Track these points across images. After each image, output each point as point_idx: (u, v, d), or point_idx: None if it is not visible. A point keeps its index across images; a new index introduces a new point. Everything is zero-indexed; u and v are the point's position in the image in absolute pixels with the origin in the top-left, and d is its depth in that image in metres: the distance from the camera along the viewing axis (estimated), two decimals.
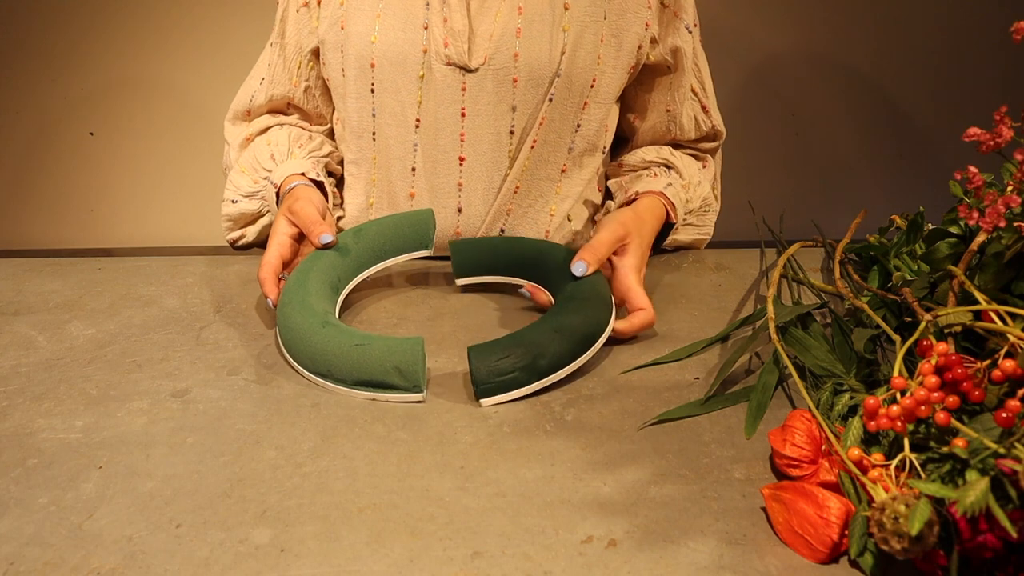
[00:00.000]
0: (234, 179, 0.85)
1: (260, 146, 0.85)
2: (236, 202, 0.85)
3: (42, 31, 1.76)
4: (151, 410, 0.55)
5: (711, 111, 0.87)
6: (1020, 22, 0.47)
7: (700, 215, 0.88)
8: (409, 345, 0.56)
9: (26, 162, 1.87)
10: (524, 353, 0.56)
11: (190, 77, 1.81)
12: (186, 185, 1.88)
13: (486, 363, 0.56)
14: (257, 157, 0.84)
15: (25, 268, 0.82)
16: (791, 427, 0.47)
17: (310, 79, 0.84)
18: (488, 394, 0.56)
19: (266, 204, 0.84)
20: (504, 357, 0.56)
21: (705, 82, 0.87)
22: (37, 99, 1.81)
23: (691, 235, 0.88)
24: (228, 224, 0.87)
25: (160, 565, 0.41)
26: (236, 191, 0.85)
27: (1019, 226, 0.48)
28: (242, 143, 0.86)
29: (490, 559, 0.41)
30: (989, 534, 0.37)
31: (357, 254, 0.70)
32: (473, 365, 0.56)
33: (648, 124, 0.87)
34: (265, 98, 0.85)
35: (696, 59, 0.84)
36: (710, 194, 0.88)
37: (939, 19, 1.77)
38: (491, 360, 0.56)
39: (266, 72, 0.85)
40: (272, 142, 0.84)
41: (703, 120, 0.87)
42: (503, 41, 0.76)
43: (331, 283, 0.67)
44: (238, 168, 0.85)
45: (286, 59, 0.83)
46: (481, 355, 0.56)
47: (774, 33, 1.78)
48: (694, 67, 0.84)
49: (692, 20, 0.82)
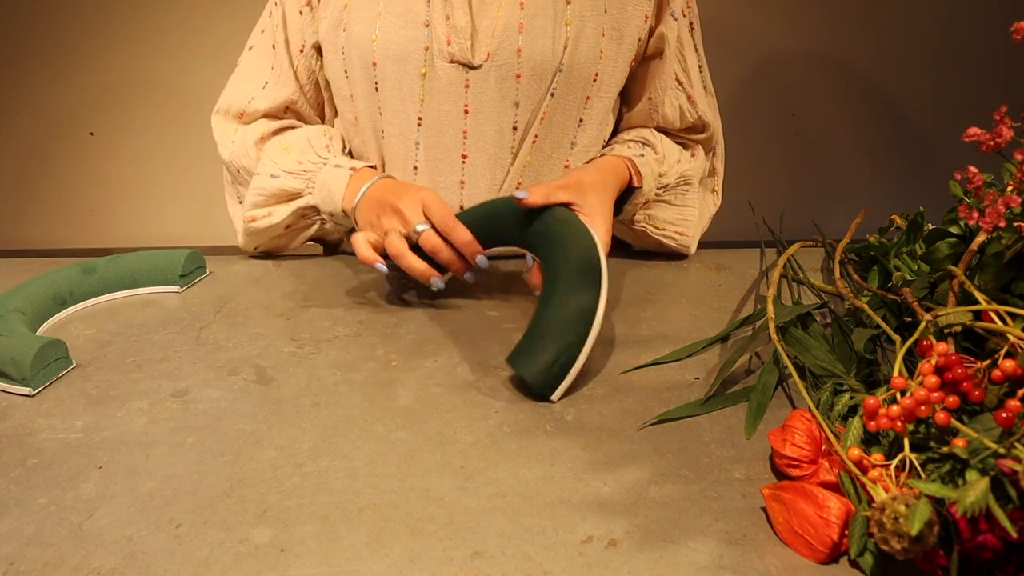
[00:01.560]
0: (272, 155, 0.81)
1: (312, 133, 0.82)
2: (277, 177, 0.80)
3: (42, 31, 1.76)
4: (151, 410, 0.55)
5: (697, 102, 0.85)
6: (1020, 22, 0.47)
7: (679, 195, 0.86)
8: (29, 343, 0.58)
9: (26, 162, 1.87)
10: (555, 335, 0.57)
11: (190, 77, 1.81)
12: (186, 185, 1.88)
13: (532, 367, 0.56)
14: (310, 140, 0.81)
15: (25, 268, 0.82)
16: (791, 427, 0.47)
17: (310, 83, 0.84)
18: (553, 389, 0.56)
19: (311, 187, 0.80)
20: (543, 351, 0.56)
21: (691, 72, 0.85)
22: (37, 99, 1.81)
23: (670, 216, 0.86)
24: (259, 199, 0.81)
25: (160, 565, 0.41)
26: (276, 166, 0.80)
27: (1019, 226, 0.48)
28: (257, 141, 0.83)
29: (490, 559, 0.41)
30: (989, 534, 0.37)
31: (104, 277, 0.74)
32: (523, 374, 0.56)
33: (633, 111, 0.87)
34: (267, 103, 0.83)
35: (682, 48, 0.83)
36: (692, 175, 0.86)
37: (939, 19, 1.77)
38: (535, 362, 0.56)
39: (270, 76, 0.84)
40: (326, 134, 0.83)
41: (688, 110, 0.85)
42: (506, 37, 0.76)
43: (56, 294, 0.70)
44: (280, 147, 0.81)
45: (291, 62, 0.83)
46: (523, 362, 0.57)
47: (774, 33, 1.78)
48: (679, 55, 0.83)
49: (680, 8, 0.81)
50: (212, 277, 0.80)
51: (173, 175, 1.92)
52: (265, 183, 0.81)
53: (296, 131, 0.84)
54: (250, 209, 0.82)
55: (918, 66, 1.83)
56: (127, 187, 1.92)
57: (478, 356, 0.63)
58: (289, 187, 0.80)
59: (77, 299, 0.72)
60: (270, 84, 0.84)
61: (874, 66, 1.83)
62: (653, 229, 0.86)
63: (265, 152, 0.82)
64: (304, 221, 0.83)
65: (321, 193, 0.78)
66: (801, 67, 1.82)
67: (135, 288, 0.75)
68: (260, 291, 0.77)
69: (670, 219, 0.86)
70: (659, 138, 0.85)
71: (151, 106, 1.86)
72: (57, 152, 1.89)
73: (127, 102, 1.84)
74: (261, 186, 0.81)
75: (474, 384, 0.59)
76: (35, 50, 1.80)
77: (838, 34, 1.80)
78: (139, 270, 0.75)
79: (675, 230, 0.87)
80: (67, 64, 1.80)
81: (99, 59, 1.79)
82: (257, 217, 0.82)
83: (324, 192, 0.78)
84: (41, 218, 1.95)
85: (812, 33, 1.79)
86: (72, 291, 0.71)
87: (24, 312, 0.65)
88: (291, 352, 0.64)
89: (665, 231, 0.86)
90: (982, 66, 1.83)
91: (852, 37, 1.80)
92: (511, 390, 0.58)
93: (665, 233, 0.86)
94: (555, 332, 0.57)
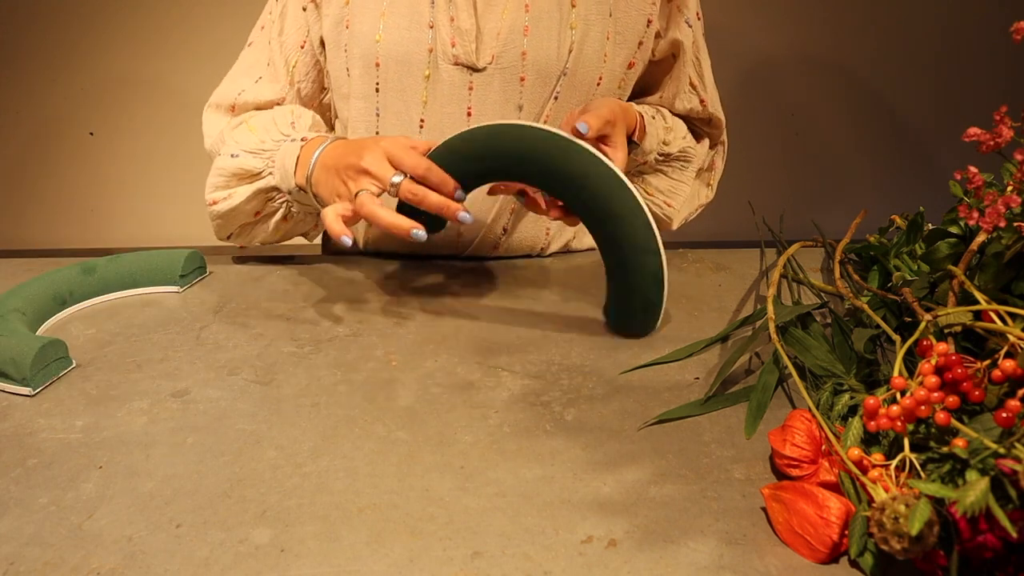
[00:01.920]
0: (236, 136, 0.78)
1: (278, 112, 0.79)
2: (236, 156, 0.76)
3: (42, 31, 1.76)
4: (151, 410, 0.55)
5: (708, 104, 0.87)
6: (1020, 22, 0.47)
7: (677, 170, 0.87)
8: (29, 343, 0.58)
9: (26, 162, 1.87)
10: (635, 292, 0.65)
11: (190, 77, 1.81)
12: (186, 185, 1.88)
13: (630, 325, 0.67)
14: (275, 119, 0.78)
15: (25, 268, 0.81)
16: (791, 427, 0.47)
17: (305, 81, 0.83)
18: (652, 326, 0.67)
19: (272, 166, 0.76)
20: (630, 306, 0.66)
21: (705, 76, 0.87)
22: (37, 99, 1.81)
23: (663, 185, 0.88)
24: (219, 181, 0.78)
25: (160, 565, 0.41)
26: (237, 145, 0.77)
27: (1019, 226, 0.48)
28: (236, 127, 0.80)
29: (490, 559, 0.41)
30: (989, 534, 0.37)
31: (104, 277, 0.74)
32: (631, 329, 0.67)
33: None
34: (256, 97, 0.81)
35: (697, 52, 0.85)
36: (694, 154, 0.87)
37: (939, 19, 1.77)
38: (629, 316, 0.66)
39: (265, 71, 0.82)
40: (294, 112, 0.79)
41: (699, 112, 0.88)
42: (511, 39, 0.75)
43: (56, 294, 0.70)
44: (245, 128, 0.78)
45: (286, 59, 0.81)
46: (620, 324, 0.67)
47: (774, 34, 1.78)
48: (694, 60, 0.84)
49: (694, 14, 0.82)
50: (212, 277, 0.80)
51: (173, 175, 1.92)
52: (225, 163, 0.77)
53: (265, 112, 0.81)
54: (211, 191, 0.79)
55: (918, 67, 1.83)
56: (127, 187, 1.92)
57: (478, 356, 0.63)
58: (248, 166, 0.76)
59: (77, 299, 0.72)
60: (263, 79, 0.82)
61: (874, 66, 1.83)
62: (643, 194, 0.87)
63: (231, 134, 0.79)
64: (270, 205, 0.79)
65: (279, 171, 0.74)
66: (801, 67, 1.82)
67: (135, 288, 0.76)
68: (260, 291, 0.77)
69: (662, 188, 0.88)
70: (668, 113, 0.87)
71: (151, 106, 1.86)
72: (57, 152, 1.89)
73: (127, 102, 1.84)
74: (221, 166, 0.77)
75: (474, 384, 0.59)
76: (35, 50, 1.80)
77: (838, 35, 1.80)
78: (139, 270, 0.75)
79: (663, 199, 0.89)
80: (67, 64, 1.80)
81: (99, 59, 1.79)
82: (218, 200, 0.79)
83: (281, 170, 0.74)
84: (41, 218, 1.95)
85: (812, 34, 1.79)
86: (72, 291, 0.72)
87: (24, 312, 0.66)
88: (291, 352, 0.64)
89: (654, 198, 0.88)
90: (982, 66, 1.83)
91: (852, 38, 1.80)
92: (511, 390, 0.58)
93: (653, 200, 0.88)
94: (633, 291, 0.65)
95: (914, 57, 1.79)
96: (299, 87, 0.83)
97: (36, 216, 1.92)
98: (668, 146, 0.84)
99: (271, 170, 0.76)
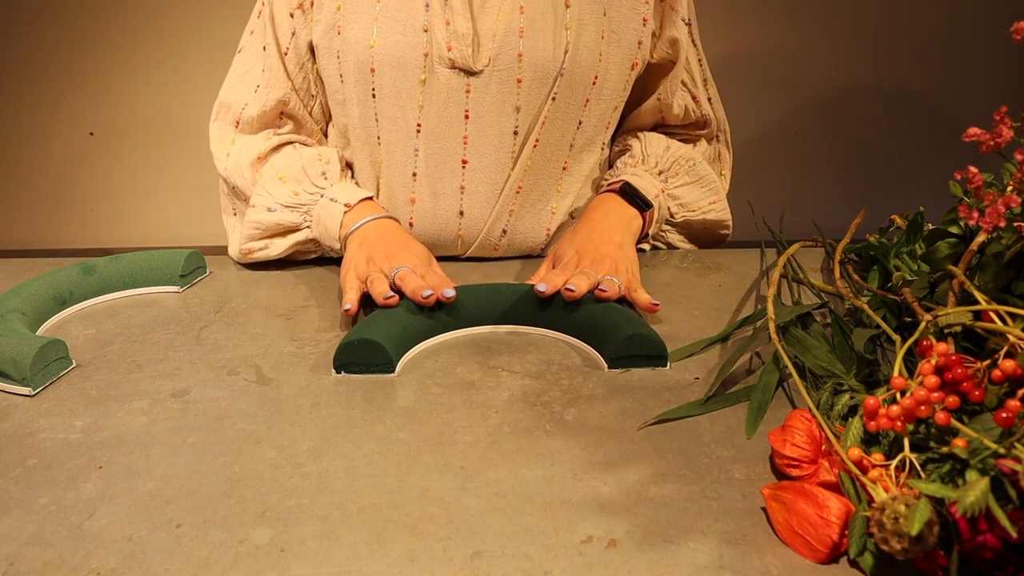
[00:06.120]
0: (268, 187, 0.80)
1: (307, 158, 0.81)
2: (273, 211, 0.79)
3: (42, 31, 1.76)
4: (151, 410, 0.55)
5: (701, 101, 0.89)
6: (1020, 22, 0.47)
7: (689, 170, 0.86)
8: (29, 343, 0.58)
9: (26, 162, 1.87)
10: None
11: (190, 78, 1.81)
12: (186, 185, 1.88)
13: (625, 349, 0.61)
14: (305, 168, 0.80)
15: (25, 268, 0.82)
16: (791, 427, 0.47)
17: (304, 85, 0.83)
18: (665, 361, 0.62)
19: (309, 220, 0.80)
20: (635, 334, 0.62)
21: (695, 74, 0.88)
22: (37, 99, 1.81)
23: (695, 194, 0.87)
24: (255, 233, 0.80)
25: (160, 565, 0.41)
26: (272, 198, 0.79)
27: (1019, 226, 0.48)
28: (254, 161, 0.82)
29: (490, 559, 0.41)
30: (989, 534, 0.37)
31: (104, 277, 0.74)
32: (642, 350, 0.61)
33: (643, 108, 0.88)
34: (260, 107, 0.82)
35: (688, 51, 0.86)
36: (691, 156, 0.87)
37: (939, 19, 1.77)
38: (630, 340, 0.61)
39: (261, 78, 0.82)
40: (321, 158, 0.81)
41: (692, 108, 0.89)
42: (507, 41, 0.75)
43: (56, 294, 0.70)
44: (274, 177, 0.80)
45: (283, 63, 0.81)
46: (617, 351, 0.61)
47: (774, 33, 1.78)
48: (686, 58, 0.86)
49: (687, 13, 0.84)
50: (212, 277, 0.80)
51: (173, 175, 1.92)
52: (261, 216, 0.79)
53: (290, 156, 0.82)
54: (246, 242, 0.81)
55: (918, 66, 1.83)
56: (127, 187, 1.92)
57: (478, 356, 0.63)
58: (285, 221, 0.79)
59: (77, 299, 0.72)
60: (262, 87, 0.82)
61: (874, 66, 1.83)
62: (691, 213, 0.87)
63: (260, 181, 0.81)
64: (305, 249, 0.83)
65: (318, 228, 0.79)
66: (801, 67, 1.82)
67: (135, 288, 0.76)
68: (260, 291, 0.77)
69: (697, 196, 0.87)
70: (639, 139, 0.88)
71: (151, 106, 1.86)
72: (57, 152, 1.89)
73: (127, 102, 1.84)
74: (257, 219, 0.79)
75: (474, 384, 0.59)
76: (35, 50, 1.80)
77: (838, 34, 1.80)
78: (139, 270, 0.75)
79: (708, 201, 0.87)
80: (67, 64, 1.80)
81: (99, 59, 1.79)
82: (254, 249, 0.81)
83: (321, 227, 0.79)
84: (41, 218, 1.95)
85: (812, 33, 1.79)
86: (72, 291, 0.72)
87: (24, 312, 0.66)
88: (291, 352, 0.64)
89: (701, 207, 0.87)
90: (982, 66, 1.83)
91: (852, 37, 1.80)
92: (511, 390, 0.58)
93: (702, 209, 0.87)
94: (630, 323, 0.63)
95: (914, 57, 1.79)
96: (297, 88, 0.83)
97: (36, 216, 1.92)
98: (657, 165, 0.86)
99: (308, 223, 0.80)
